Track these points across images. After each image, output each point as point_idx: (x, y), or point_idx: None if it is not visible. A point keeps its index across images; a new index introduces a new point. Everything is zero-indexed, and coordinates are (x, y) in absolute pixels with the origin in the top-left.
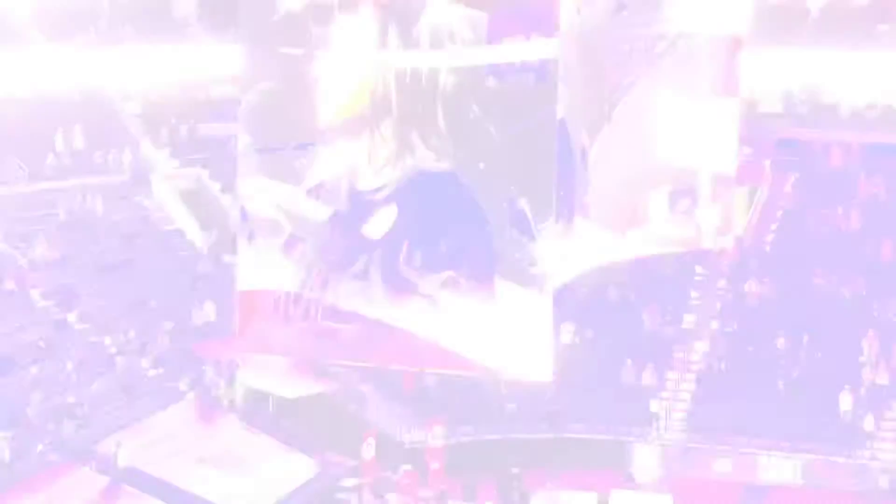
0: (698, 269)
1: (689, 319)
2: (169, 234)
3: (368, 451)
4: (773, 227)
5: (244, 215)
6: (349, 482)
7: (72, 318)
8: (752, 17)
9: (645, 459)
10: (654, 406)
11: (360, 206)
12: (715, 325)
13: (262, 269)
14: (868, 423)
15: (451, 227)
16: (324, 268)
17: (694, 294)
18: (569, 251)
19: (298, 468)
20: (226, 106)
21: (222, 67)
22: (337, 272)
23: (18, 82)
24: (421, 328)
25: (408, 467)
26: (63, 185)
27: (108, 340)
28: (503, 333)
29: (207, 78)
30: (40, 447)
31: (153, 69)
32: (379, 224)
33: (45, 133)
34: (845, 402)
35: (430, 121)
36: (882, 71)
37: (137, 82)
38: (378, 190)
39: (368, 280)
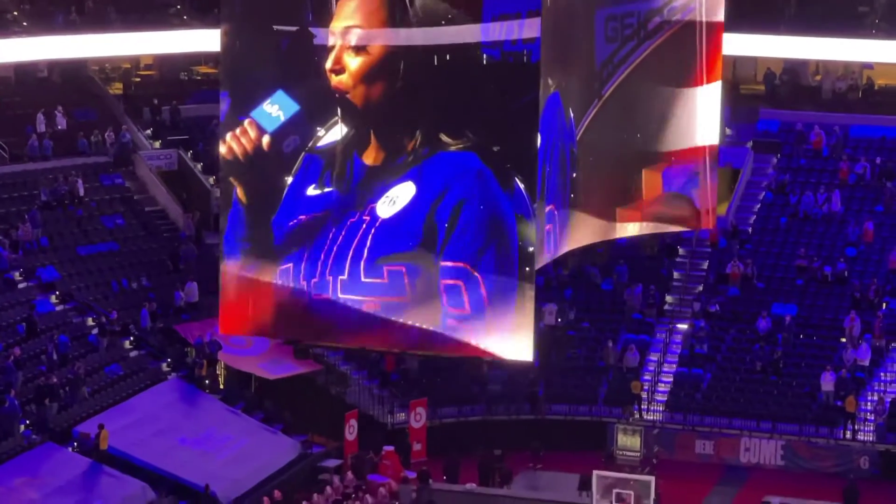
0: (680, 250)
1: (670, 300)
2: (151, 214)
3: (351, 432)
4: (756, 208)
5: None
6: (331, 463)
7: (53, 299)
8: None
9: (627, 441)
10: (636, 387)
11: (368, 184)
12: (697, 306)
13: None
14: (849, 405)
15: (472, 211)
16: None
17: (676, 275)
18: (556, 231)
19: (281, 449)
20: (208, 87)
21: (205, 49)
22: (332, 253)
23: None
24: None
25: (390, 448)
26: (45, 165)
27: (90, 321)
28: (489, 315)
29: (190, 59)
30: (22, 428)
31: (135, 51)
32: (393, 203)
33: (27, 114)
34: (827, 383)
35: (437, 102)
36: (862, 53)
37: (119, 64)
38: (390, 168)
39: (371, 263)
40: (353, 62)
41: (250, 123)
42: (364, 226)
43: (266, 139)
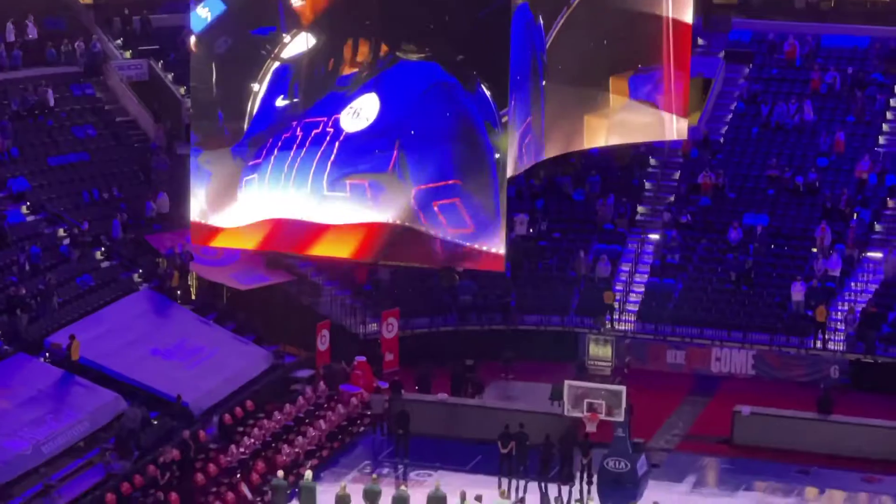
0: (652, 160)
1: (642, 211)
2: (122, 125)
3: (322, 342)
4: (727, 118)
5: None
6: (303, 373)
7: (24, 209)
8: None
9: (598, 351)
10: (608, 297)
11: (332, 95)
12: (668, 216)
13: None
14: (820, 314)
15: (445, 127)
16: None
17: (647, 186)
18: (529, 140)
19: (252, 360)
20: None
21: None
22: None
23: None
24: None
25: (362, 358)
26: (15, 75)
27: (61, 232)
28: (460, 223)
29: None
30: None
31: None
32: (358, 115)
33: None
34: (797, 293)
35: (395, 10)
36: None
37: None
38: (351, 79)
39: (338, 175)
40: None
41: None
42: (328, 138)
43: (193, 39)
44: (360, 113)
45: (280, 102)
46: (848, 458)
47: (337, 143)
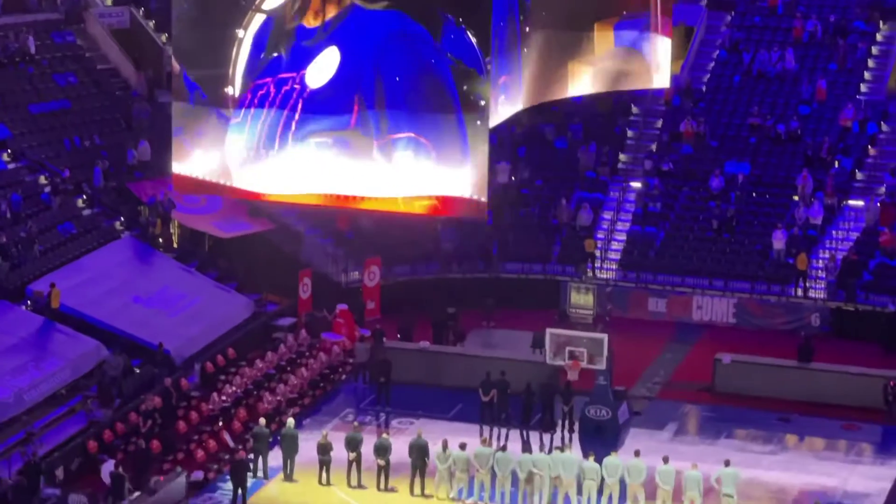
0: (634, 108)
1: (624, 159)
2: (103, 73)
3: (304, 290)
4: (709, 66)
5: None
6: (285, 321)
7: (6, 157)
8: None
9: (580, 298)
10: (590, 245)
11: (301, 50)
12: (650, 164)
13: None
14: (801, 262)
15: (404, 75)
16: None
17: (629, 133)
18: (508, 88)
19: (234, 308)
20: None
21: None
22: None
23: None
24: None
25: (344, 307)
26: None
27: (42, 179)
28: (441, 171)
29: None
30: None
31: None
32: (321, 70)
33: None
34: (778, 241)
35: None
36: None
37: None
38: (317, 32)
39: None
40: None
41: None
42: (294, 95)
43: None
44: (323, 68)
45: (262, 57)
46: (828, 406)
47: (301, 101)
